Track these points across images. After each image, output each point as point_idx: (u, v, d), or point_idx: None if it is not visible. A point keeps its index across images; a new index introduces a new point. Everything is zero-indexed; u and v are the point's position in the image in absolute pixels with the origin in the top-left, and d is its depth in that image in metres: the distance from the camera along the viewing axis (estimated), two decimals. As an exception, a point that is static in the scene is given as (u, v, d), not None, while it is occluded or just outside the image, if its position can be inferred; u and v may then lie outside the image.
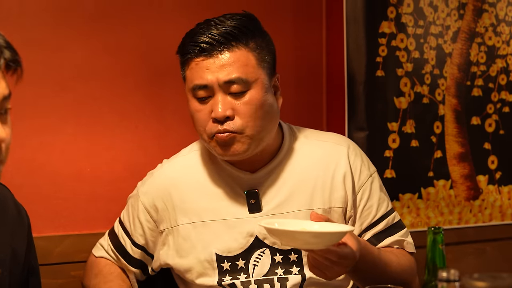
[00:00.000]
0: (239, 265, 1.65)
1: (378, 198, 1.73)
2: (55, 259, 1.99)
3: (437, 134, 2.47)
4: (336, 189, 1.68)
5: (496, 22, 2.56)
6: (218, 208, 1.67)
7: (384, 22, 2.36)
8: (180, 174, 1.73)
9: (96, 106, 2.05)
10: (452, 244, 2.41)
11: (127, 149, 2.09)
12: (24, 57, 1.97)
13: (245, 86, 1.59)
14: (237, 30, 1.59)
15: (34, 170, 1.99)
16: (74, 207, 2.03)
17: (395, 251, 1.71)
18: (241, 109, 1.58)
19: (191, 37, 1.62)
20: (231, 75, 1.58)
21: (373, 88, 2.35)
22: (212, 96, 1.60)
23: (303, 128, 1.79)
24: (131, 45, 2.09)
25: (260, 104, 1.60)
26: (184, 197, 1.69)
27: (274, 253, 1.64)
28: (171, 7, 2.14)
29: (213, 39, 1.58)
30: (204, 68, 1.59)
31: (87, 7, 2.04)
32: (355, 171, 1.71)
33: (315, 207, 1.66)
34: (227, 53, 1.58)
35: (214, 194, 1.68)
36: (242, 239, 1.64)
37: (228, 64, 1.58)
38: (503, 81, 2.59)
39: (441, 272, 1.13)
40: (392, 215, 1.74)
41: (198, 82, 1.60)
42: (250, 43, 1.61)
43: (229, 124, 1.58)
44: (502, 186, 2.60)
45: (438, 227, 1.35)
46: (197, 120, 1.63)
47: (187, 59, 1.62)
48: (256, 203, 1.66)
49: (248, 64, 1.60)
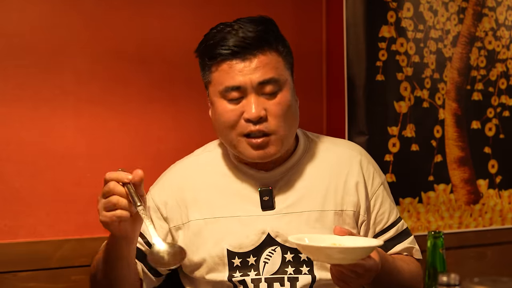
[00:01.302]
0: (250, 262, 1.65)
1: (389, 205, 1.76)
2: (55, 264, 1.99)
3: (437, 138, 2.47)
4: (348, 193, 1.71)
5: (496, 27, 2.56)
6: (231, 205, 1.68)
7: (384, 26, 2.36)
8: (193, 172, 1.75)
9: (96, 111, 2.06)
10: (453, 248, 2.41)
11: (127, 153, 2.09)
12: (24, 61, 1.98)
13: (277, 86, 1.62)
14: (267, 34, 1.63)
15: (34, 174, 1.99)
16: (74, 212, 2.03)
17: (405, 258, 1.74)
18: (273, 109, 1.61)
19: (219, 40, 1.62)
20: (265, 76, 1.61)
21: (373, 92, 2.35)
22: (244, 98, 1.62)
23: (316, 134, 1.83)
24: (132, 49, 2.09)
25: (289, 104, 1.64)
26: (196, 194, 1.71)
27: (285, 252, 1.66)
28: (174, 12, 2.15)
29: (245, 43, 1.60)
30: (236, 70, 1.61)
31: (87, 9, 2.04)
32: (368, 177, 1.74)
33: (328, 209, 1.68)
34: (260, 56, 1.61)
35: (227, 191, 1.70)
36: (254, 235, 1.66)
37: (262, 66, 1.61)
38: (503, 85, 2.59)
39: (442, 277, 1.13)
40: (401, 222, 1.78)
41: (230, 84, 1.61)
42: (279, 47, 1.65)
43: (263, 125, 1.61)
44: (502, 190, 2.60)
45: (438, 231, 1.35)
46: (226, 120, 1.63)
47: (216, 61, 1.63)
48: (269, 200, 1.67)
49: (279, 66, 1.64)
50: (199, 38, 1.68)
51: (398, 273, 1.64)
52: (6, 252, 1.94)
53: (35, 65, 1.98)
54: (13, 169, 1.97)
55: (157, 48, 2.13)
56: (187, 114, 2.17)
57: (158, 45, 2.13)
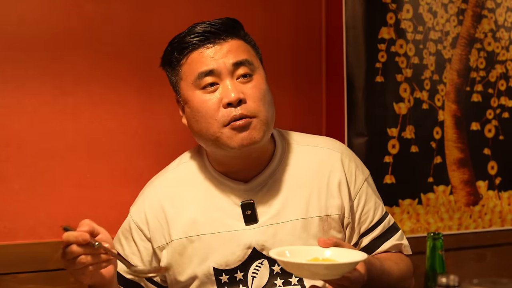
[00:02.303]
0: (238, 277, 1.62)
1: (374, 203, 1.72)
2: (54, 265, 1.98)
3: (437, 140, 2.47)
4: (331, 196, 1.66)
5: (495, 28, 2.56)
6: (213, 221, 1.63)
7: (384, 28, 2.36)
8: (172, 188, 1.69)
9: (96, 112, 2.06)
10: (452, 249, 2.41)
11: (127, 154, 2.09)
12: (24, 64, 1.98)
13: (251, 69, 1.61)
14: (235, 23, 1.64)
15: (33, 175, 1.99)
16: (74, 213, 2.02)
17: (393, 257, 1.71)
18: (251, 92, 1.58)
19: (186, 32, 1.62)
20: (238, 57, 1.59)
21: (373, 93, 2.35)
22: (219, 84, 1.59)
23: (293, 132, 1.77)
24: (132, 50, 2.09)
25: (265, 89, 1.62)
26: (178, 211, 1.66)
27: (273, 264, 1.62)
28: (174, 12, 2.15)
29: (214, 28, 1.60)
30: (208, 57, 1.59)
31: (88, 14, 2.04)
32: (350, 177, 1.69)
33: (312, 216, 1.64)
34: (230, 40, 1.61)
35: (208, 206, 1.65)
36: (240, 251, 1.62)
37: (233, 50, 1.60)
38: (503, 86, 2.59)
39: (441, 278, 1.13)
40: (388, 218, 1.74)
41: (203, 69, 1.58)
42: (247, 37, 1.66)
43: (244, 108, 1.57)
44: (502, 192, 2.59)
45: (437, 233, 1.35)
46: (206, 111, 1.58)
47: (186, 53, 1.61)
48: (252, 214, 1.63)
49: (250, 51, 1.64)
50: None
51: (388, 275, 1.61)
52: (5, 254, 1.94)
53: (34, 66, 1.98)
54: (13, 170, 1.97)
55: (155, 47, 2.12)
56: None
57: (157, 45, 2.13)
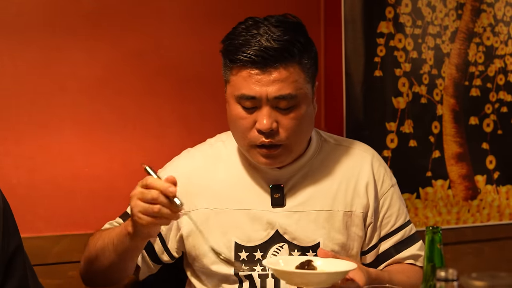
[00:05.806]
0: (256, 257, 1.65)
1: (398, 208, 1.75)
2: (52, 259, 1.98)
3: (435, 134, 2.47)
4: (358, 194, 1.70)
5: (494, 22, 2.56)
6: (241, 198, 1.68)
7: (382, 22, 2.36)
8: (203, 162, 1.73)
9: (94, 105, 2.05)
10: (450, 244, 2.41)
11: (125, 148, 2.09)
12: (22, 57, 1.98)
13: (293, 102, 1.59)
14: (292, 46, 1.58)
15: (31, 169, 1.98)
16: (72, 207, 2.02)
17: (406, 270, 1.72)
18: (286, 123, 1.59)
19: (241, 43, 1.58)
20: (281, 91, 1.57)
21: (371, 88, 2.35)
22: (258, 107, 1.59)
23: (330, 133, 1.82)
24: (129, 44, 2.09)
25: (304, 118, 1.62)
26: (206, 183, 1.69)
27: (293, 249, 1.66)
28: (171, 9, 2.14)
29: (267, 54, 1.56)
30: (254, 80, 1.57)
31: (85, 7, 2.03)
32: (378, 179, 1.74)
33: (337, 209, 1.68)
34: (281, 69, 1.57)
35: (238, 183, 1.69)
36: (263, 231, 1.65)
37: (280, 80, 1.57)
38: (501, 81, 2.59)
39: (440, 272, 1.13)
40: (409, 226, 1.77)
41: (246, 93, 1.59)
42: (303, 59, 1.61)
43: (274, 137, 1.59)
44: (500, 186, 2.60)
45: (436, 227, 1.35)
46: (239, 127, 1.62)
47: (236, 66, 1.60)
48: (280, 197, 1.67)
49: (299, 80, 1.60)
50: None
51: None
52: (3, 247, 1.94)
53: (33, 60, 1.98)
54: (11, 164, 1.97)
55: (154, 42, 2.12)
56: (186, 109, 2.16)
57: (156, 39, 2.12)
